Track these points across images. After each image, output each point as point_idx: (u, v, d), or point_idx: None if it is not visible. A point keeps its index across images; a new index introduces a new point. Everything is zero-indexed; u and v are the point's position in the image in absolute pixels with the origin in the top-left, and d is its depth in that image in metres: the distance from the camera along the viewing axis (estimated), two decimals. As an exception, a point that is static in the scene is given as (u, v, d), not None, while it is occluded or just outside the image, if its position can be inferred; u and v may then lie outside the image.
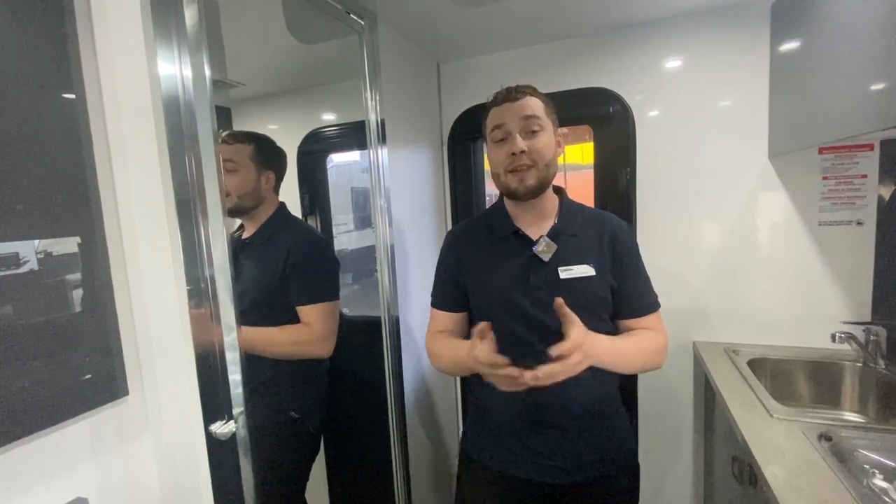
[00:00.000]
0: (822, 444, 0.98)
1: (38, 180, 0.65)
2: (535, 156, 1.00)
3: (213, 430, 0.78)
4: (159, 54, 0.72)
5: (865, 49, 1.02)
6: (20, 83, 0.64)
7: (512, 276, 1.04)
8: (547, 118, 1.03)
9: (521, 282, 1.02)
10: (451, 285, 1.13)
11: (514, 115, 1.01)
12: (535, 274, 1.02)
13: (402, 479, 1.59)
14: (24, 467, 0.64)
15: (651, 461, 1.80)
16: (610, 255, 1.05)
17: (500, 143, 1.03)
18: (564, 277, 1.01)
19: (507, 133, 1.01)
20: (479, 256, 1.10)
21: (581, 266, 1.02)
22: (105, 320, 0.73)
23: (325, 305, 1.33)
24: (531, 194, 1.03)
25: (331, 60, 1.70)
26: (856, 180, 1.47)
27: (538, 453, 1.04)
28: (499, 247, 1.08)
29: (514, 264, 1.04)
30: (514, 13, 1.51)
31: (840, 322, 1.48)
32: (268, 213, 1.40)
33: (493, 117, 1.04)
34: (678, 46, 1.61)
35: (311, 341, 1.31)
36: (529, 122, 1.00)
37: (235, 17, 1.35)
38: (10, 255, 0.63)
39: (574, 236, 1.05)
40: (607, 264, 1.04)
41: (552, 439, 1.03)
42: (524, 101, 1.01)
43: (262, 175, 1.37)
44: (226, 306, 0.80)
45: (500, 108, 1.03)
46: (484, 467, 1.11)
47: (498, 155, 1.03)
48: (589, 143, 1.81)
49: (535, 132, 1.00)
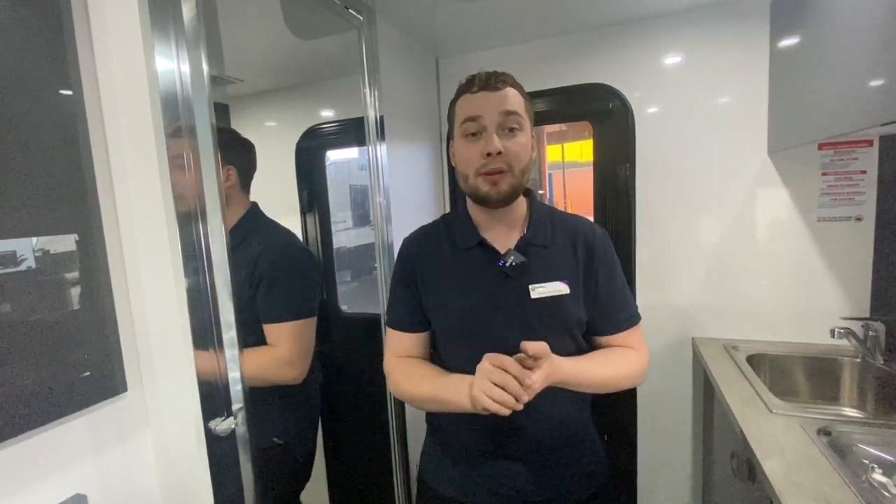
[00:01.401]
0: (821, 439, 0.98)
1: (36, 178, 0.65)
2: (511, 159, 0.86)
3: (212, 427, 0.78)
4: (157, 50, 0.71)
5: (864, 45, 1.02)
6: (17, 80, 0.63)
7: (477, 293, 0.91)
8: (526, 115, 0.90)
9: (487, 301, 0.90)
10: (411, 302, 0.98)
11: (493, 107, 0.86)
12: (503, 292, 0.90)
13: (402, 477, 1.60)
14: (23, 464, 0.63)
15: (650, 457, 1.81)
16: (584, 268, 0.93)
17: (472, 137, 0.88)
18: (535, 297, 0.88)
19: (481, 128, 0.87)
20: (440, 270, 0.96)
21: (553, 283, 0.89)
22: (103, 317, 0.73)
23: (296, 324, 1.18)
24: (503, 202, 0.90)
25: (329, 56, 1.70)
26: (855, 176, 1.47)
27: (499, 483, 0.93)
28: (462, 260, 0.95)
29: (480, 281, 0.91)
30: (513, 8, 1.50)
31: (839, 318, 1.48)
32: (236, 215, 1.24)
33: (467, 106, 0.89)
34: (678, 42, 1.61)
35: (276, 366, 1.15)
36: (509, 119, 0.87)
37: (233, 12, 1.35)
38: (8, 253, 0.63)
39: (545, 247, 0.93)
40: (581, 279, 0.92)
41: (514, 469, 0.93)
42: (504, 91, 0.87)
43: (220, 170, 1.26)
44: (224, 303, 0.80)
45: (475, 96, 0.88)
46: (440, 496, 1.00)
47: (469, 152, 0.89)
48: (588, 141, 1.81)
49: (514, 131, 0.87)
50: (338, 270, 2.05)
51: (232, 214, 1.24)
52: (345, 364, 1.98)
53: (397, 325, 1.00)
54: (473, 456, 0.95)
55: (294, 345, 1.17)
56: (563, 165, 3.97)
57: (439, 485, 1.00)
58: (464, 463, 0.96)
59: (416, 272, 0.98)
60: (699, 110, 1.61)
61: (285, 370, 1.16)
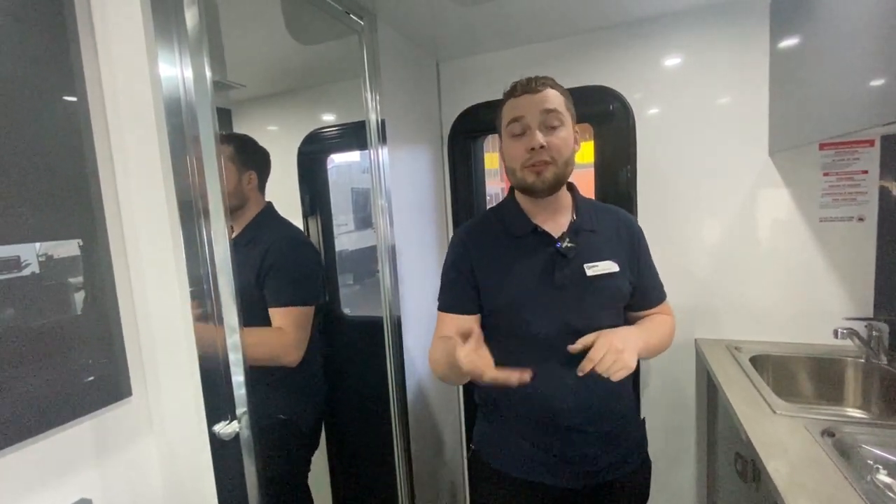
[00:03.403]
0: (825, 440, 0.98)
1: (40, 183, 0.65)
2: (553, 152, 0.95)
3: (216, 431, 0.78)
4: (160, 56, 0.72)
5: (865, 45, 1.02)
6: (22, 86, 0.64)
7: (536, 274, 0.99)
8: (567, 112, 0.99)
9: (546, 280, 0.98)
10: (465, 286, 1.05)
11: (534, 107, 0.95)
12: (560, 271, 0.98)
13: (405, 478, 1.60)
14: (29, 469, 0.64)
15: (654, 458, 1.79)
16: (628, 251, 1.04)
17: (518, 136, 0.97)
18: (591, 275, 0.98)
19: (525, 127, 0.96)
20: (497, 255, 1.04)
21: (605, 262, 0.99)
22: (107, 322, 0.73)
23: (298, 311, 1.29)
24: (548, 191, 0.99)
25: (330, 61, 1.71)
26: (856, 176, 1.47)
27: (559, 458, 1.00)
28: (517, 245, 1.03)
29: (537, 263, 1.00)
30: (513, 12, 1.51)
31: (842, 318, 1.48)
32: (253, 213, 1.40)
33: (511, 109, 0.99)
34: (678, 44, 1.61)
35: (280, 346, 1.26)
36: (550, 117, 0.95)
37: (235, 18, 1.35)
38: (12, 257, 0.63)
39: (593, 232, 1.03)
40: (627, 260, 1.03)
41: (572, 443, 0.99)
42: (545, 93, 0.96)
43: (244, 175, 1.37)
44: (228, 307, 0.81)
45: (518, 99, 0.98)
46: (499, 473, 1.06)
47: (515, 150, 0.98)
48: (589, 142, 1.81)
49: (555, 127, 0.96)
50: (340, 273, 2.06)
51: (250, 212, 1.40)
52: (347, 368, 1.98)
53: (447, 307, 1.08)
54: (530, 427, 1.02)
55: (297, 330, 1.28)
56: (564, 167, 3.96)
57: (496, 460, 1.07)
58: (521, 436, 1.03)
59: (472, 260, 1.05)
60: (700, 111, 1.61)
61: (286, 352, 1.27)
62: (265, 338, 1.25)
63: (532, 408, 1.00)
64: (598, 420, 0.99)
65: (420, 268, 1.70)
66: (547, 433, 1.00)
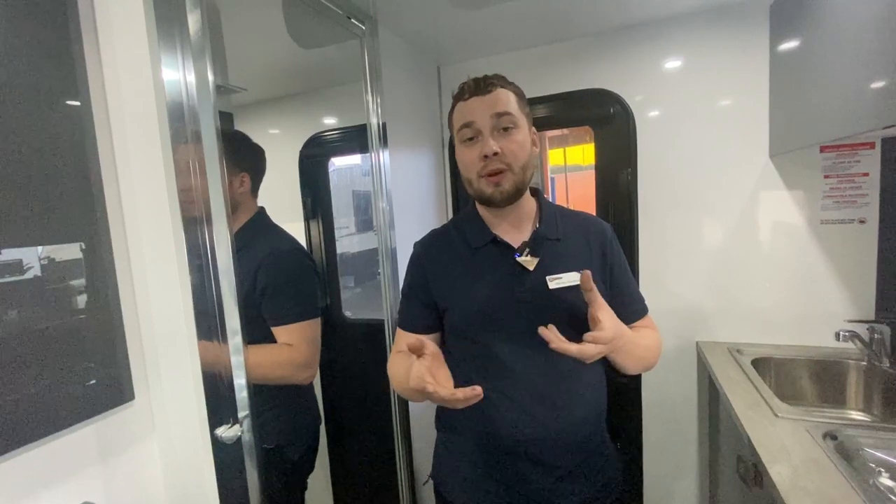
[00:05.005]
0: (827, 444, 0.98)
1: (42, 187, 0.66)
2: (509, 158, 0.88)
3: (218, 434, 0.78)
4: (163, 60, 0.72)
5: (865, 47, 1.03)
6: (25, 91, 0.64)
7: (494, 288, 0.92)
8: (521, 112, 0.91)
9: (506, 294, 0.91)
10: (421, 303, 1.00)
11: (484, 111, 0.88)
12: (520, 285, 0.91)
13: (407, 484, 1.59)
14: (32, 472, 0.64)
15: (655, 462, 1.80)
16: (601, 262, 0.96)
17: (469, 142, 0.91)
18: (553, 287, 0.90)
19: (476, 132, 0.89)
20: (455, 269, 0.97)
21: (569, 274, 0.91)
22: (110, 325, 0.74)
23: (308, 324, 1.21)
24: (508, 201, 0.92)
25: (332, 65, 1.71)
26: (857, 178, 1.47)
27: (526, 496, 0.91)
28: (476, 257, 0.96)
29: (496, 276, 0.93)
30: (513, 15, 1.51)
31: (844, 320, 1.48)
32: (243, 219, 1.27)
33: (461, 113, 0.92)
34: (678, 47, 1.61)
35: (294, 364, 1.18)
36: (502, 120, 0.88)
37: (237, 23, 1.36)
38: (14, 261, 0.63)
39: (557, 241, 0.95)
40: (598, 271, 0.94)
41: (543, 479, 0.90)
42: (495, 93, 0.89)
43: (236, 178, 1.25)
44: (230, 310, 0.81)
45: (467, 103, 0.91)
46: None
47: (468, 157, 0.91)
48: (590, 144, 1.82)
49: (509, 129, 0.89)
50: (341, 276, 2.06)
51: (241, 218, 1.27)
52: (349, 370, 1.98)
53: (404, 324, 1.02)
54: (490, 457, 0.93)
55: (308, 347, 1.20)
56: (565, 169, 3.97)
57: (453, 493, 0.98)
58: (479, 466, 0.94)
59: (429, 274, 0.99)
60: (700, 114, 1.61)
61: (300, 370, 1.20)
62: (274, 356, 1.17)
63: (493, 438, 0.91)
64: (563, 453, 0.90)
65: (421, 271, 1.70)
66: (507, 465, 0.91)
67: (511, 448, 0.90)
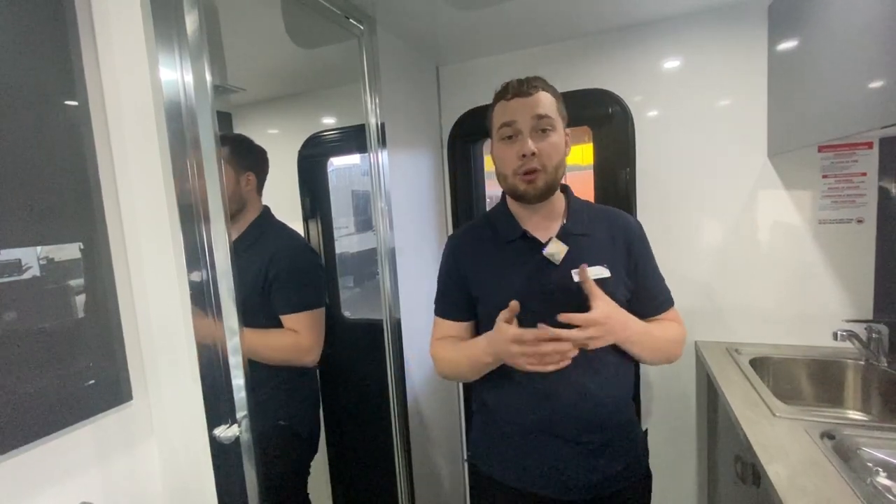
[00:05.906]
0: (825, 443, 0.98)
1: (41, 186, 0.66)
2: (544, 159, 0.93)
3: (216, 434, 0.78)
4: (161, 60, 0.72)
5: (863, 48, 1.03)
6: (23, 91, 0.64)
7: (523, 281, 0.97)
8: (558, 115, 0.97)
9: (533, 287, 0.96)
10: (457, 293, 1.06)
11: (526, 112, 0.93)
12: (546, 278, 0.96)
13: (406, 483, 1.59)
14: (30, 472, 0.64)
15: (654, 462, 1.79)
16: (625, 256, 1.00)
17: (508, 140, 0.96)
18: (577, 280, 0.94)
19: (516, 132, 0.94)
20: (486, 262, 1.03)
21: (595, 268, 0.95)
22: (108, 325, 0.74)
23: (312, 313, 1.31)
24: (539, 198, 0.97)
25: (330, 65, 1.71)
26: (855, 178, 1.47)
27: (558, 470, 0.97)
28: (506, 251, 1.02)
29: (525, 269, 0.98)
30: (512, 16, 1.51)
31: (842, 320, 1.48)
32: (251, 217, 1.36)
33: (502, 112, 0.97)
34: (676, 47, 1.62)
35: (301, 348, 1.28)
36: (541, 122, 0.93)
37: (235, 22, 1.36)
38: (13, 261, 0.63)
39: (585, 236, 1.00)
40: (623, 265, 0.99)
41: (573, 455, 0.96)
42: (537, 96, 0.94)
43: (242, 177, 1.33)
44: (228, 310, 0.81)
45: (509, 102, 0.96)
46: (497, 483, 1.04)
47: (506, 154, 0.96)
48: (588, 144, 1.82)
49: (546, 132, 0.94)
50: (340, 276, 2.06)
51: (249, 216, 1.35)
52: (348, 370, 1.98)
53: (443, 313, 1.10)
54: (524, 435, 0.99)
55: (314, 332, 1.30)
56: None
57: (491, 468, 1.05)
58: (515, 444, 1.01)
59: (463, 265, 1.06)
60: (699, 114, 1.61)
61: (306, 354, 1.30)
62: (280, 340, 1.27)
63: (526, 417, 0.98)
64: (595, 430, 0.96)
65: (420, 270, 1.70)
66: (541, 443, 0.98)
67: (542, 427, 0.97)
